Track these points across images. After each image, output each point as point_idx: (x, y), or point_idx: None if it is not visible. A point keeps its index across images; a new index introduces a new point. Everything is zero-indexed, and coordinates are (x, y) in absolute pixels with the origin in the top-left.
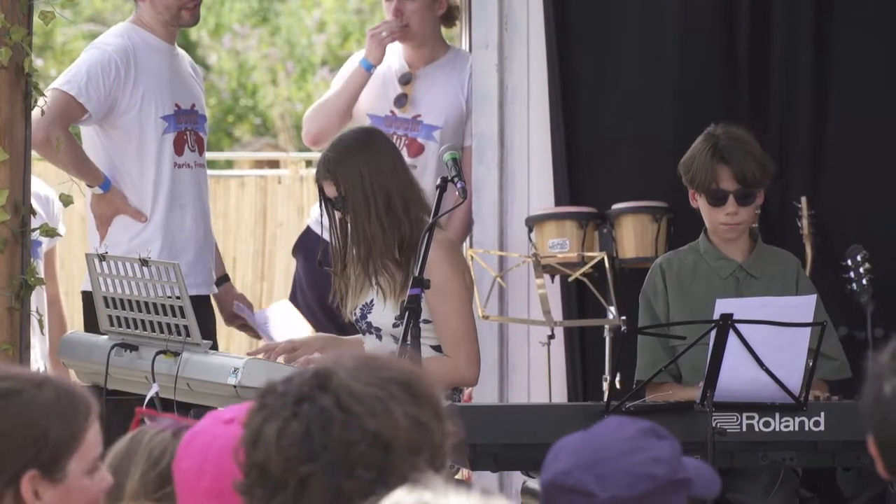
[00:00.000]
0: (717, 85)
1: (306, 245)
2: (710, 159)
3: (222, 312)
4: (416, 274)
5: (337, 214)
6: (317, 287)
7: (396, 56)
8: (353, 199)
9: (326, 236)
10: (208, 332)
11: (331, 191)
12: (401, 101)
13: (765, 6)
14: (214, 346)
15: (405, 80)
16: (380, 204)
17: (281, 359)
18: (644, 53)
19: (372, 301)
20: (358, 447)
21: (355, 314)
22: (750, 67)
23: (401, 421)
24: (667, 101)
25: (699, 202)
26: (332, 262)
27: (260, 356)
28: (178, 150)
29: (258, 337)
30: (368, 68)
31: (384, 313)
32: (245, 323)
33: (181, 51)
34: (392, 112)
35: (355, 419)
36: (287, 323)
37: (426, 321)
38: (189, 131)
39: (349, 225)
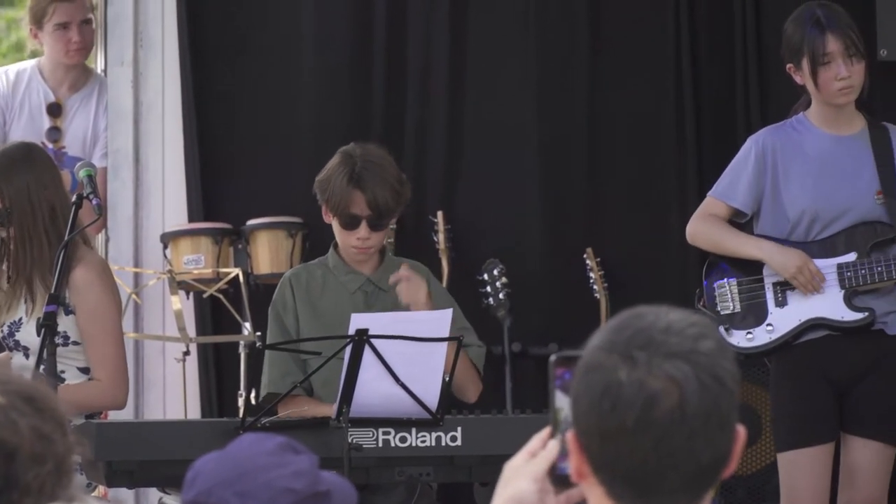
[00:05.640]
0: (353, 100)
1: None
2: (345, 184)
3: None
4: (52, 291)
5: None
6: None
7: (39, 85)
8: (19, 212)
9: None
10: None
11: None
12: (53, 134)
13: (399, 21)
14: None
15: (54, 111)
16: (46, 218)
17: None
18: (280, 68)
19: (21, 319)
20: None
21: (2, 331)
22: (386, 83)
23: (24, 431)
24: (303, 116)
25: (332, 222)
26: None
27: None
28: None
29: None
30: None
31: (33, 332)
32: None
33: None
34: (43, 144)
35: None
36: None
37: (76, 343)
38: None
39: (9, 239)
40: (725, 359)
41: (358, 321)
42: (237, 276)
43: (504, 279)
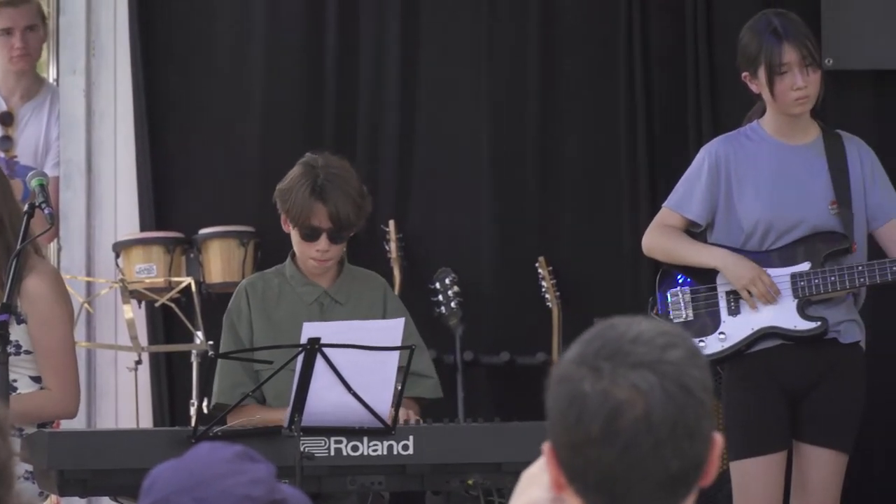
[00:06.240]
0: (304, 108)
1: None
2: (307, 196)
3: None
4: (4, 300)
5: None
6: None
7: None
8: None
9: None
10: None
11: None
12: (5, 143)
13: (352, 30)
14: None
15: (5, 120)
16: None
17: None
18: (231, 77)
19: None
20: None
21: None
22: (337, 91)
23: None
24: (254, 124)
25: (291, 232)
26: None
27: None
28: None
29: None
30: None
31: None
32: None
33: None
34: None
35: None
36: None
37: (28, 352)
38: None
39: None
40: (695, 367)
41: (310, 330)
42: (189, 285)
43: (456, 288)
